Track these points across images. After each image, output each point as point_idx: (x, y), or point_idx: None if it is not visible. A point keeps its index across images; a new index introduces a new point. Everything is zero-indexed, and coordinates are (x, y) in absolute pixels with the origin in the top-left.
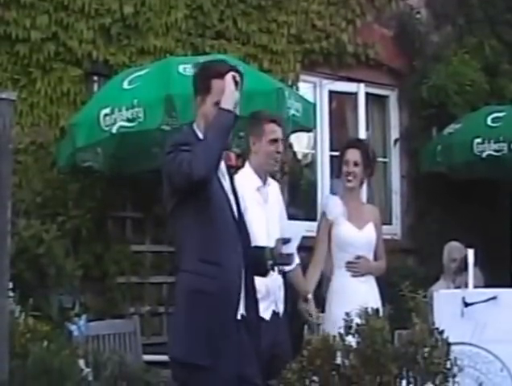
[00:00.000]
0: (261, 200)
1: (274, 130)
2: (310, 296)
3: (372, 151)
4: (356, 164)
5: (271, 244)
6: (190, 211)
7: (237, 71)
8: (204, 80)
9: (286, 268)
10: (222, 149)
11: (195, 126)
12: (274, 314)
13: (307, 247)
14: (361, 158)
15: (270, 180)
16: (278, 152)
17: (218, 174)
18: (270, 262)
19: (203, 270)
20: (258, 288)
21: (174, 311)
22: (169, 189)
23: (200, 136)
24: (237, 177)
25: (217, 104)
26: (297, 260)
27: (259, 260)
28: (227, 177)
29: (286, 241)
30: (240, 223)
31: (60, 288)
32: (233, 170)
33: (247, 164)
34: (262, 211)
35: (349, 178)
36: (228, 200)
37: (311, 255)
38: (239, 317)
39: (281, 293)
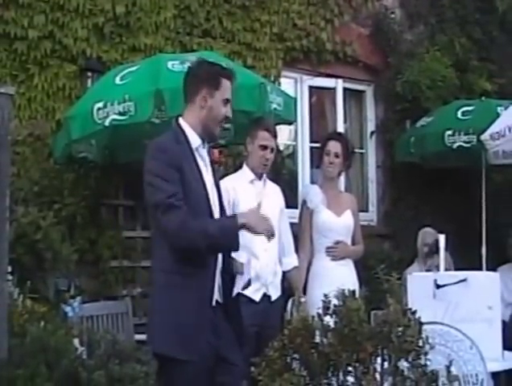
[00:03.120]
0: (254, 192)
1: (265, 138)
2: (303, 299)
3: (351, 145)
4: (337, 155)
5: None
6: None
7: (235, 78)
8: (214, 75)
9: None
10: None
11: (181, 121)
12: (265, 296)
13: (293, 232)
14: (342, 150)
15: (269, 182)
16: (267, 158)
17: (200, 166)
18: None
19: (178, 269)
20: (246, 270)
21: (151, 308)
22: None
23: (188, 130)
24: (234, 174)
25: (225, 101)
26: (295, 262)
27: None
28: (210, 170)
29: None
30: (221, 216)
31: (57, 271)
32: (216, 165)
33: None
34: (256, 202)
35: (330, 167)
36: (206, 194)
37: (298, 242)
38: (213, 303)
39: (276, 280)
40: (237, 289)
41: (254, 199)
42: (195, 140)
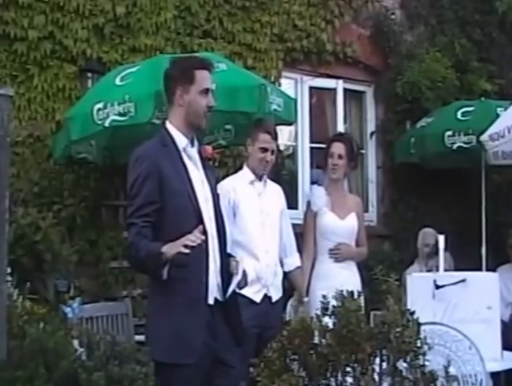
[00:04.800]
0: (254, 193)
1: (266, 140)
2: (306, 299)
3: (356, 145)
4: (340, 157)
5: (265, 234)
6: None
7: (212, 65)
8: (186, 70)
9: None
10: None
11: (167, 123)
12: (266, 297)
13: (294, 233)
14: (345, 151)
15: (270, 183)
16: (267, 161)
17: (188, 167)
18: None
19: (171, 274)
20: (247, 272)
21: (147, 313)
22: None
23: (174, 132)
24: (234, 174)
25: (202, 92)
26: (298, 262)
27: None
28: (201, 167)
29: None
30: (216, 213)
31: (56, 272)
32: (210, 162)
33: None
34: (256, 202)
35: (334, 170)
36: (194, 193)
37: (301, 243)
38: (212, 301)
39: (276, 281)
40: (231, 290)
41: (255, 200)
42: (181, 140)
